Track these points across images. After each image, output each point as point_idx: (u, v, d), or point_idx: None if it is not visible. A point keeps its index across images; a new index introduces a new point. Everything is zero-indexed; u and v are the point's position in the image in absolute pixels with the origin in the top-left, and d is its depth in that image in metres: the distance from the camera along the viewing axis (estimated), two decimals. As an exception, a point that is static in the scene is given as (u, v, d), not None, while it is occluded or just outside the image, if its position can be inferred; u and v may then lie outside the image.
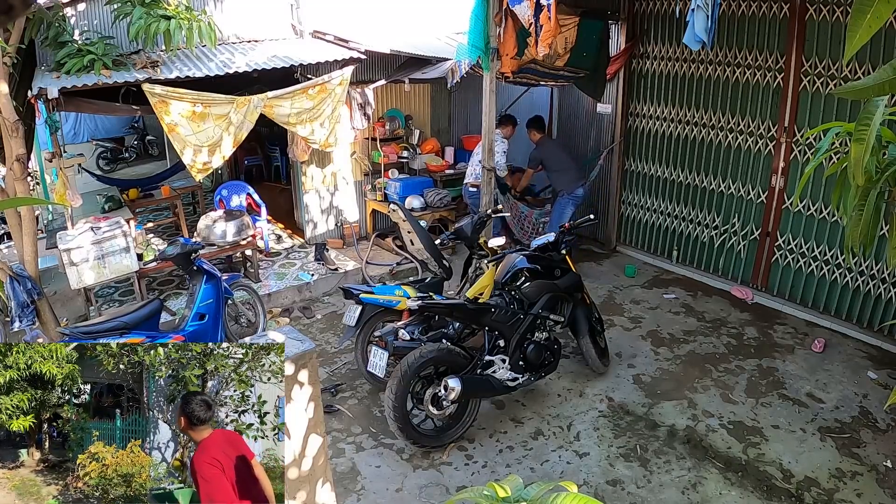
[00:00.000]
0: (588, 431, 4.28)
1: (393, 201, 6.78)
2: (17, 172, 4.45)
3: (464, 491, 1.65)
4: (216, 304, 4.74)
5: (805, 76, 5.44)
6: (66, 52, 5.26)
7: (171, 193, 7.64)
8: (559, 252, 4.69)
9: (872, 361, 5.08)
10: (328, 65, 6.27)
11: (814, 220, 5.63)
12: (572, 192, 6.59)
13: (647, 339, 5.48)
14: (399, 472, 3.92)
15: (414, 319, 4.48)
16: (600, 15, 6.46)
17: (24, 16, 4.34)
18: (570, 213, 6.58)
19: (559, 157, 6.69)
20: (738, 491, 3.72)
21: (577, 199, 6.60)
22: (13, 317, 4.53)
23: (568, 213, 6.58)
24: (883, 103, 1.82)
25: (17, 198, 4.40)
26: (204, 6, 6.39)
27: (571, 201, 6.60)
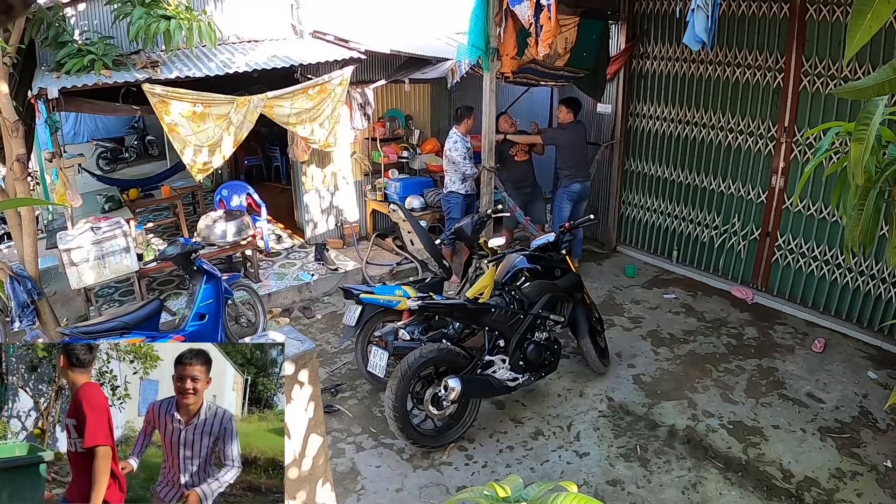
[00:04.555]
0: (588, 431, 4.28)
1: (393, 201, 6.78)
2: (17, 172, 4.45)
3: (464, 491, 1.65)
4: (216, 304, 4.74)
5: (805, 76, 5.44)
6: (66, 52, 5.26)
7: (171, 193, 7.64)
8: (559, 252, 4.69)
9: (872, 361, 5.08)
10: (328, 65, 6.27)
11: (814, 219, 5.63)
12: (568, 185, 6.47)
13: (647, 339, 5.48)
14: (399, 472, 3.92)
15: (414, 319, 4.49)
16: (600, 15, 6.45)
17: (24, 16, 4.34)
18: (567, 207, 6.51)
19: (574, 146, 6.43)
20: (738, 491, 3.72)
21: (572, 193, 6.48)
22: (13, 317, 4.53)
23: (566, 207, 6.51)
24: (883, 103, 1.82)
25: (17, 198, 4.40)
26: (204, 6, 6.39)
27: (566, 196, 6.50)
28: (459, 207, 6.40)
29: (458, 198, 6.42)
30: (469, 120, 6.30)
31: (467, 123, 6.30)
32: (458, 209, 6.39)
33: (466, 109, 6.34)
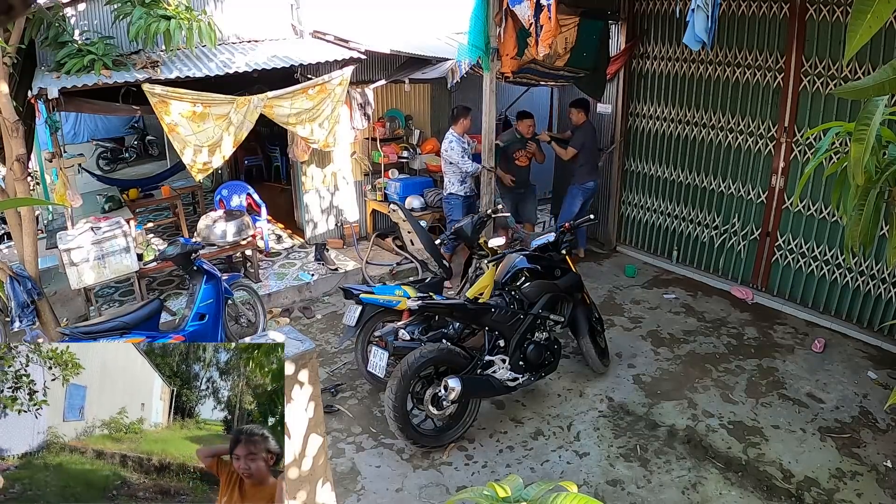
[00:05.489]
0: (588, 431, 4.28)
1: (393, 201, 6.78)
2: (17, 172, 4.44)
3: (464, 491, 1.65)
4: (216, 304, 4.74)
5: (805, 76, 5.44)
6: (66, 52, 5.26)
7: (171, 193, 7.64)
8: (559, 252, 4.69)
9: (872, 361, 5.08)
10: (328, 65, 6.27)
11: (814, 220, 5.63)
12: (584, 182, 6.72)
13: (647, 339, 5.48)
14: (399, 472, 3.92)
15: (414, 319, 4.48)
16: (600, 15, 6.45)
17: (24, 16, 4.34)
18: (579, 203, 6.71)
19: (590, 145, 6.73)
20: (738, 491, 3.71)
21: (587, 190, 6.76)
22: (13, 317, 4.53)
23: (578, 203, 6.72)
24: (883, 103, 1.82)
25: (17, 198, 4.40)
26: (204, 6, 6.39)
27: (581, 192, 6.74)
28: (460, 209, 6.39)
29: (457, 199, 6.41)
30: (465, 120, 6.26)
31: (463, 123, 6.27)
32: (459, 210, 6.38)
33: (463, 110, 6.32)
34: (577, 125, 6.73)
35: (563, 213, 6.76)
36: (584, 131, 6.72)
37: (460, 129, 6.27)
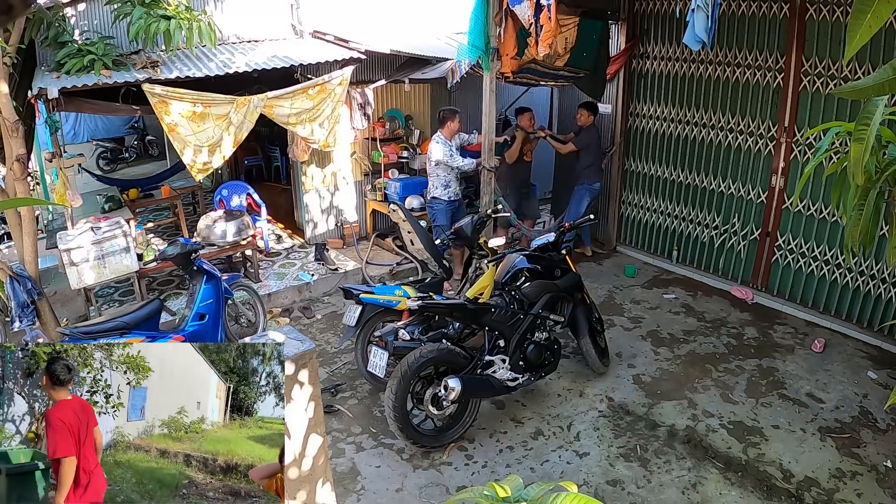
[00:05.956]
0: (588, 431, 4.28)
1: (393, 201, 6.78)
2: (17, 172, 4.44)
3: (464, 491, 1.65)
4: (216, 304, 4.74)
5: (805, 76, 5.44)
6: (66, 52, 5.26)
7: (171, 193, 7.64)
8: (559, 252, 4.69)
9: (872, 361, 5.08)
10: (328, 65, 6.27)
11: (814, 220, 5.63)
12: (592, 183, 6.78)
13: (647, 339, 5.48)
14: (399, 472, 3.92)
15: (414, 319, 4.48)
16: (600, 15, 6.45)
17: (24, 16, 4.34)
18: (586, 203, 6.77)
19: (596, 146, 6.82)
20: (738, 491, 3.72)
21: (594, 191, 6.82)
22: (13, 317, 4.52)
23: (585, 202, 6.77)
24: (883, 103, 1.82)
25: (17, 198, 4.40)
26: (204, 6, 6.39)
27: (588, 192, 6.79)
28: (444, 214, 6.27)
29: (441, 204, 6.27)
30: (453, 122, 6.10)
31: (451, 126, 6.10)
32: (444, 215, 6.26)
33: (450, 112, 6.15)
34: (584, 126, 6.77)
35: (570, 214, 6.76)
36: (590, 132, 6.77)
37: (448, 132, 6.13)
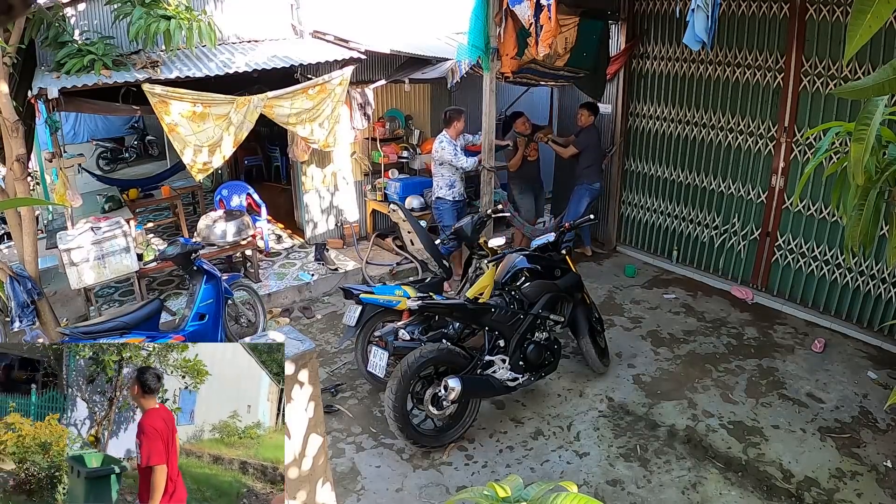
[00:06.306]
0: (588, 431, 4.28)
1: (393, 201, 6.77)
2: (17, 172, 4.44)
3: (464, 491, 1.65)
4: (216, 304, 4.74)
5: (805, 76, 5.44)
6: (66, 52, 5.26)
7: (171, 193, 7.64)
8: (559, 252, 4.69)
9: (872, 361, 5.08)
10: (328, 65, 6.27)
11: (814, 220, 5.63)
12: (592, 183, 6.79)
13: (647, 339, 5.48)
14: (399, 472, 3.92)
15: (414, 319, 4.48)
16: (600, 15, 6.45)
17: (24, 16, 4.34)
18: (586, 203, 6.78)
19: (596, 147, 6.83)
20: (738, 491, 3.71)
21: (594, 191, 6.83)
22: (13, 317, 4.53)
23: (584, 202, 6.77)
24: (883, 103, 1.82)
25: (17, 198, 4.40)
26: (204, 6, 6.39)
27: (588, 193, 6.80)
28: (450, 213, 6.30)
29: (446, 204, 6.31)
30: (458, 123, 6.15)
31: (457, 126, 6.14)
32: (450, 215, 6.29)
33: (455, 112, 6.19)
34: (584, 126, 6.77)
35: (570, 214, 6.77)
36: (590, 133, 6.76)
37: (453, 132, 6.16)
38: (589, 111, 6.71)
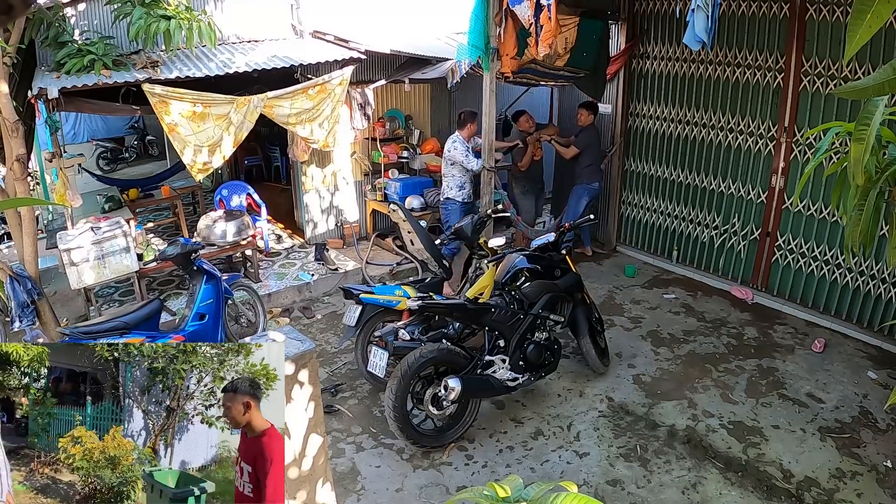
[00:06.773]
0: (588, 431, 4.28)
1: (393, 201, 6.77)
2: (17, 172, 4.45)
3: (464, 491, 1.65)
4: (216, 304, 4.74)
5: (805, 76, 5.43)
6: (66, 52, 5.26)
7: (171, 193, 7.65)
8: (559, 252, 4.69)
9: (872, 361, 5.08)
10: (328, 65, 6.27)
11: (814, 220, 5.63)
12: (591, 183, 6.79)
13: (647, 339, 5.48)
14: (399, 472, 3.92)
15: (414, 319, 4.48)
16: (600, 15, 6.45)
17: (24, 16, 4.34)
18: (585, 202, 6.78)
19: (596, 146, 6.85)
20: (738, 491, 3.71)
21: (592, 191, 6.83)
22: (13, 317, 4.53)
23: (584, 202, 6.78)
24: (883, 103, 1.82)
25: (17, 198, 4.40)
26: (204, 6, 6.39)
27: (587, 193, 6.80)
28: (458, 215, 6.29)
29: (455, 205, 6.34)
30: (472, 125, 6.23)
31: (470, 128, 6.23)
32: (457, 216, 6.27)
33: (470, 114, 6.26)
34: (584, 126, 6.77)
35: (569, 214, 6.78)
36: (589, 133, 6.76)
37: (467, 133, 6.23)
38: (588, 110, 6.72)
